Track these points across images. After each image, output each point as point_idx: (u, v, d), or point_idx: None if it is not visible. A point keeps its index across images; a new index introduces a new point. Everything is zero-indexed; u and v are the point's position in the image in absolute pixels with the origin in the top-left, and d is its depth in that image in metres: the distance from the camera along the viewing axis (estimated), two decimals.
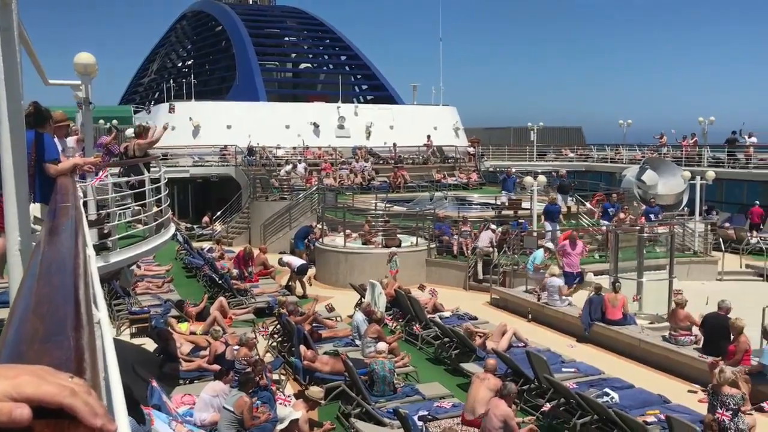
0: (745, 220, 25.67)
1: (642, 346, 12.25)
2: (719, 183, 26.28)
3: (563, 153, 39.41)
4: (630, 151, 35.02)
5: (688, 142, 31.43)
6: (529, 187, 20.16)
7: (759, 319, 10.75)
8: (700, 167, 27.06)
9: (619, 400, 9.22)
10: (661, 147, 32.81)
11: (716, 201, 27.90)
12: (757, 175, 27.03)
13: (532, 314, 15.15)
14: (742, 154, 28.37)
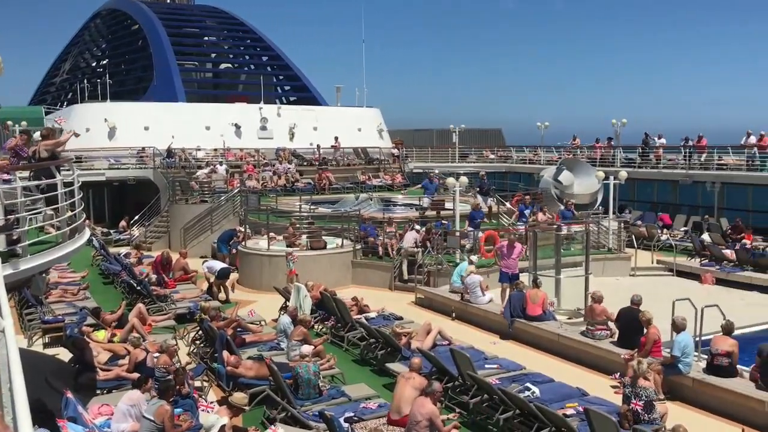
0: (656, 218, 26.91)
1: (561, 341, 12.63)
2: (631, 182, 27.43)
3: (484, 154, 40.25)
4: (547, 152, 36.12)
5: (602, 144, 32.66)
6: (451, 188, 20.47)
7: (670, 312, 11.25)
8: (613, 167, 28.16)
9: (540, 394, 9.47)
10: (576, 148, 33.98)
11: (629, 200, 29.16)
12: (667, 175, 28.39)
13: (456, 312, 15.38)
14: (653, 154, 29.72)
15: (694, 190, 27.69)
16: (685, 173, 27.45)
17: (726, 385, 9.82)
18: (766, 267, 18.30)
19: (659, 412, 8.63)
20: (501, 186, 29.49)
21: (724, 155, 27.26)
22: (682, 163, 28.16)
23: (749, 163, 26.02)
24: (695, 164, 27.64)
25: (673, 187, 28.66)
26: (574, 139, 34.99)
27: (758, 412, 9.28)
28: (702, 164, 27.47)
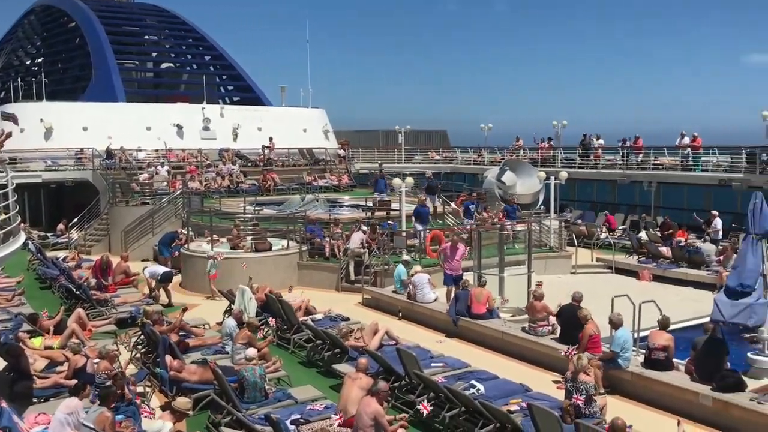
0: (595, 217, 27.63)
1: (505, 338, 12.85)
2: (572, 182, 28.07)
3: (430, 155, 40.60)
4: (491, 153, 36.66)
5: (543, 145, 33.34)
6: (397, 188, 20.59)
7: (609, 308, 11.57)
8: (554, 168, 28.77)
9: (485, 391, 9.61)
10: (519, 149, 34.60)
11: (569, 199, 29.85)
12: (605, 175, 29.17)
13: (403, 312, 15.47)
14: (592, 155, 30.49)
15: (631, 189, 28.53)
16: (623, 173, 28.25)
17: (663, 379, 10.16)
18: (700, 263, 18.99)
19: (599, 405, 8.87)
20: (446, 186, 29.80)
21: (659, 156, 28.16)
22: (620, 163, 28.97)
23: (683, 163, 26.94)
24: (632, 165, 28.47)
25: (612, 186, 29.47)
26: (517, 140, 35.63)
27: (693, 403, 9.63)
28: (639, 165, 28.32)
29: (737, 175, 24.19)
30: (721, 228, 21.33)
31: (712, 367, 9.80)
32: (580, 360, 9.12)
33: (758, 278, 10.90)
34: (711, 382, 9.64)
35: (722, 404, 9.32)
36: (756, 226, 11.08)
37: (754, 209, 11.14)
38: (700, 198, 25.87)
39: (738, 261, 11.65)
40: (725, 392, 9.41)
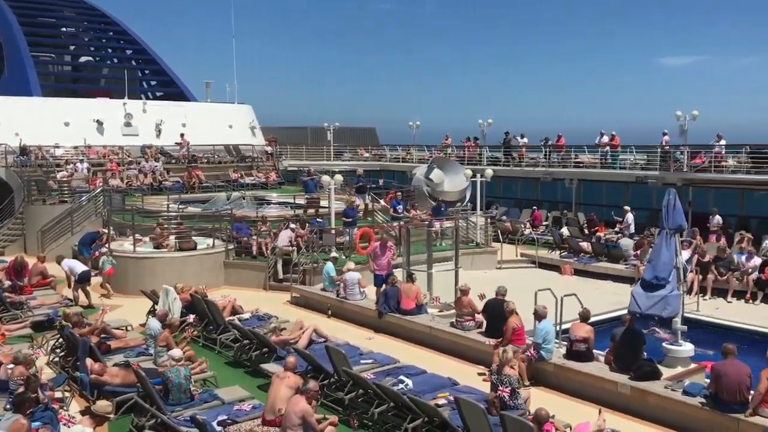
0: (519, 214, 28.31)
1: (433, 333, 13.01)
2: (497, 180, 28.67)
3: (359, 153, 40.60)
4: (419, 151, 36.96)
5: (470, 143, 33.85)
6: (326, 185, 20.51)
7: (533, 301, 11.88)
8: (480, 166, 29.28)
9: (413, 386, 9.69)
10: (446, 147, 35.03)
11: (495, 197, 30.44)
12: (529, 173, 29.88)
13: (332, 310, 15.44)
14: (516, 153, 31.18)
15: (554, 186, 29.35)
16: (545, 171, 29.02)
17: (584, 369, 10.51)
18: (618, 258, 19.73)
19: (524, 397, 9.11)
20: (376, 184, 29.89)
21: (580, 154, 29.05)
22: (543, 161, 29.74)
23: (603, 161, 27.89)
24: (555, 163, 29.28)
25: (535, 184, 30.24)
26: (446, 138, 36.05)
27: (612, 392, 9.99)
28: (561, 163, 29.15)
29: (653, 172, 25.21)
30: (633, 223, 22.24)
31: (630, 357, 10.20)
32: (505, 353, 9.33)
33: (672, 271, 11.38)
34: (629, 371, 10.03)
35: (639, 392, 9.71)
36: (669, 221, 11.56)
37: (668, 205, 11.62)
38: (619, 195, 26.84)
39: (653, 255, 12.13)
40: (642, 381, 9.82)
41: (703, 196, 24.38)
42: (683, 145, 24.86)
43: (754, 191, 23.53)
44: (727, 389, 8.70)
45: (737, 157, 23.42)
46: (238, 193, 27.22)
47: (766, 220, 23.26)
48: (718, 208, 22.84)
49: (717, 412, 8.79)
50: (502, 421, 7.75)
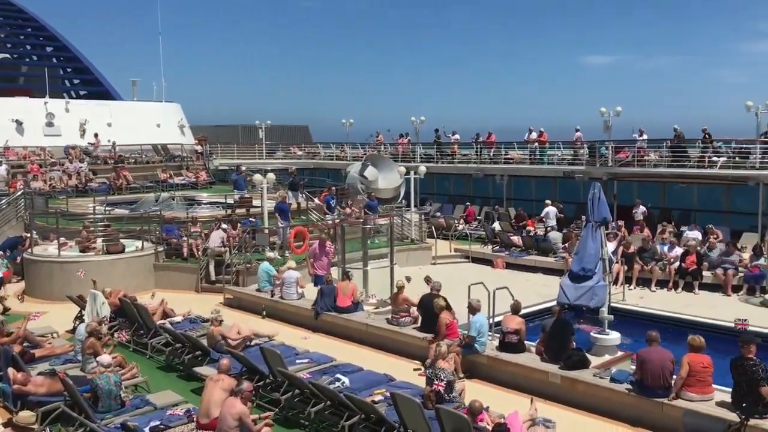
0: (453, 209, 28.67)
1: (369, 330, 13.04)
2: (430, 177, 28.94)
3: (292, 151, 40.30)
4: (353, 148, 36.97)
5: (403, 141, 34.08)
6: (258, 184, 20.27)
7: (467, 295, 12.07)
8: (414, 163, 29.51)
9: (350, 384, 9.70)
10: (380, 145, 35.16)
11: (428, 193, 30.75)
12: (461, 169, 30.31)
13: (267, 310, 15.27)
14: (449, 150, 31.57)
15: (485, 182, 29.85)
16: (477, 167, 29.48)
17: (516, 360, 10.74)
18: (548, 251, 20.23)
19: (459, 390, 9.24)
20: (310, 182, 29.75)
21: (510, 150, 29.64)
22: (474, 158, 30.21)
23: (531, 157, 28.55)
24: (486, 159, 29.79)
25: (467, 180, 30.69)
26: (378, 135, 36.19)
27: (544, 382, 10.25)
28: (491, 159, 29.67)
29: (579, 167, 25.96)
30: (554, 216, 22.88)
31: (560, 347, 10.48)
32: (439, 347, 9.44)
33: (598, 262, 11.74)
34: (559, 361, 10.31)
35: (569, 381, 9.99)
36: (595, 214, 11.92)
37: (593, 198, 11.97)
38: (547, 189, 27.52)
39: (579, 247, 12.48)
40: (572, 370, 10.10)
41: (628, 189, 25.26)
42: (608, 140, 25.68)
43: (674, 184, 24.54)
44: (652, 375, 9.05)
45: (659, 152, 24.37)
46: (167, 193, 26.59)
47: (686, 211, 24.28)
48: (642, 200, 23.74)
49: (642, 397, 9.13)
50: (437, 415, 7.85)
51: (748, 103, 22.56)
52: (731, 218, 22.51)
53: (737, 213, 22.83)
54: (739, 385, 8.42)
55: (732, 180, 22.28)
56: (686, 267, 17.07)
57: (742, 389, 8.37)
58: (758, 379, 8.19)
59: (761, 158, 21.53)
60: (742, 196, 22.59)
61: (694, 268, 16.96)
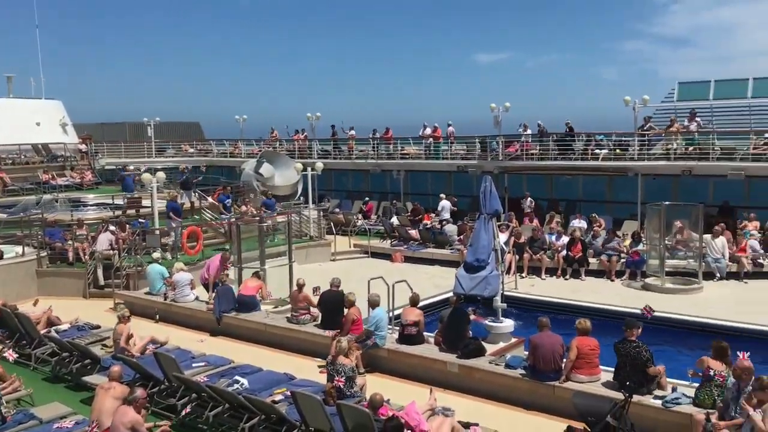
0: (351, 205, 28.74)
1: (268, 330, 12.86)
2: (328, 173, 28.90)
3: (183, 149, 39.10)
4: (248, 145, 36.31)
5: (299, 137, 33.81)
6: (148, 184, 19.53)
7: (366, 290, 12.14)
8: (311, 159, 29.34)
9: (249, 385, 9.52)
10: (276, 141, 34.72)
11: (327, 189, 30.69)
12: (359, 165, 30.40)
13: (160, 314, 14.74)
14: (346, 146, 31.61)
15: (383, 177, 30.11)
16: (374, 163, 29.69)
17: (415, 352, 10.91)
18: (444, 243, 20.67)
19: (360, 385, 9.28)
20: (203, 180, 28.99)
21: (406, 146, 30.03)
22: (371, 153, 30.39)
23: (427, 152, 29.04)
24: (383, 154, 30.04)
25: (365, 175, 30.86)
26: (272, 131, 35.72)
27: (442, 371, 10.46)
28: (389, 154, 29.95)
29: (472, 162, 26.64)
30: (448, 209, 23.46)
31: (457, 336, 10.74)
32: (340, 343, 9.44)
33: (491, 253, 12.10)
34: (457, 350, 10.56)
35: (467, 369, 10.25)
36: (487, 206, 12.27)
37: (485, 192, 12.32)
38: (443, 183, 28.09)
39: (473, 239, 12.82)
40: (469, 358, 10.37)
41: (518, 181, 26.19)
42: (498, 135, 26.48)
43: (561, 176, 25.69)
44: (543, 359, 9.43)
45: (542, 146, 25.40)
46: (49, 195, 25.15)
47: (572, 202, 25.49)
48: (531, 192, 24.71)
49: (535, 381, 9.50)
50: (338, 410, 7.84)
51: (626, 99, 23.80)
52: (613, 207, 23.81)
53: (619, 202, 24.18)
54: (623, 365, 8.93)
55: (613, 171, 23.54)
56: (573, 255, 17.91)
57: (626, 369, 8.88)
58: (644, 360, 8.72)
59: (639, 150, 22.87)
60: (622, 186, 23.94)
61: (580, 255, 17.83)
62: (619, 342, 9.05)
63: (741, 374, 7.65)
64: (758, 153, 20.90)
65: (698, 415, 7.86)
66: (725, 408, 7.75)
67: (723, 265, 17.16)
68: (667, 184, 22.95)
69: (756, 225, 19.41)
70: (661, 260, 16.64)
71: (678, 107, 25.39)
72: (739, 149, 21.66)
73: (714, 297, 15.74)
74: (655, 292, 16.17)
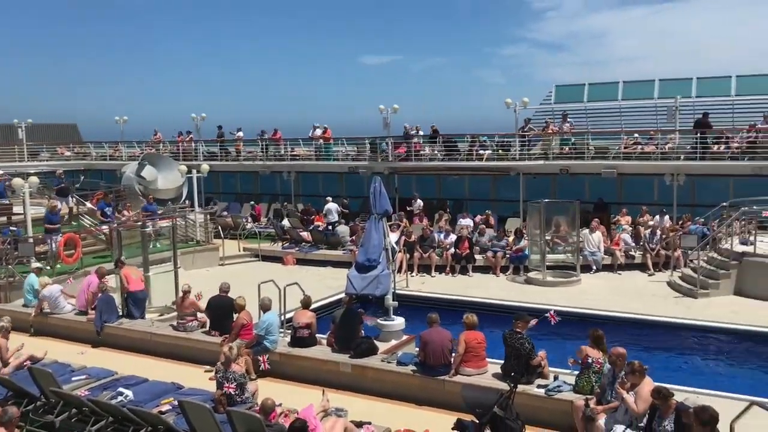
0: (240, 208, 28.20)
1: (153, 339, 12.39)
2: (215, 175, 28.23)
3: (59, 152, 36.96)
4: (129, 147, 34.83)
5: (182, 138, 32.77)
6: (19, 189, 18.32)
7: (256, 295, 11.94)
8: (196, 161, 28.52)
9: (134, 397, 9.13)
10: (159, 143, 33.51)
11: (214, 192, 29.95)
12: (247, 166, 29.85)
13: (35, 327, 13.85)
14: (233, 148, 30.96)
15: (273, 179, 29.73)
16: (263, 164, 29.25)
17: (307, 354, 10.85)
18: (336, 244, 20.70)
19: (251, 390, 9.11)
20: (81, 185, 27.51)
21: (296, 147, 29.78)
22: (260, 155, 29.93)
23: (317, 153, 28.93)
24: (272, 156, 29.66)
25: (255, 177, 30.36)
26: (155, 133, 34.44)
27: (336, 372, 10.46)
28: (278, 156, 29.60)
29: (363, 162, 26.81)
30: (335, 210, 23.57)
31: (349, 336, 10.77)
32: (231, 349, 9.23)
33: (382, 252, 12.21)
34: (349, 350, 10.58)
35: (360, 369, 10.30)
36: (377, 206, 12.36)
37: (374, 192, 12.41)
38: (335, 184, 28.12)
39: (364, 239, 12.89)
40: (361, 357, 10.43)
41: (408, 182, 26.62)
42: (387, 136, 26.79)
43: (448, 176, 26.36)
44: (433, 355, 9.63)
45: (433, 147, 25.98)
46: None
47: (459, 201, 26.20)
48: (420, 192, 25.20)
49: (426, 376, 9.68)
50: (229, 418, 7.67)
51: (507, 101, 24.73)
52: (498, 206, 24.68)
53: (503, 201, 25.11)
54: (509, 356, 9.28)
55: (497, 171, 24.41)
56: (461, 252, 18.42)
57: (512, 360, 9.24)
58: (527, 352, 9.11)
59: (520, 151, 23.83)
60: (506, 185, 24.87)
61: (467, 253, 18.36)
62: (507, 332, 9.41)
63: (616, 360, 8.13)
64: (628, 152, 22.31)
65: (578, 401, 8.28)
66: (602, 393, 8.21)
67: (599, 258, 18.21)
68: (546, 183, 24.07)
69: (628, 220, 20.71)
70: (542, 255, 17.42)
71: (555, 109, 26.64)
72: (612, 149, 23.04)
73: (591, 288, 16.66)
74: (538, 285, 16.93)
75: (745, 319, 13.56)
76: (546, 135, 24.03)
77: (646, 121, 25.53)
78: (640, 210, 21.00)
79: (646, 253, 18.21)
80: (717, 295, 15.34)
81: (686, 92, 24.39)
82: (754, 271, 15.41)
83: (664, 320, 13.83)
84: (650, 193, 22.89)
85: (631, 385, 7.68)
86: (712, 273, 15.84)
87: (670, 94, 23.68)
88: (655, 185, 22.52)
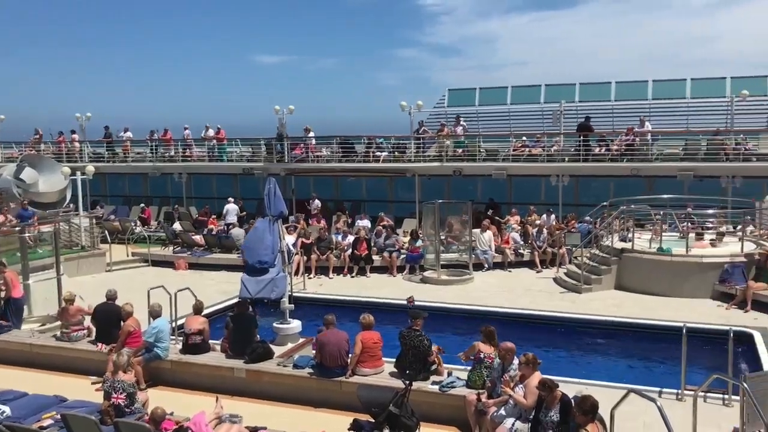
0: (129, 211, 27.08)
1: (34, 350, 11.72)
2: (102, 177, 27.04)
3: None
4: (6, 148, 32.68)
5: (65, 138, 31.11)
6: None
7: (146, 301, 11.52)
8: (81, 162, 27.17)
9: (12, 412, 8.58)
10: (39, 143, 31.65)
11: (101, 195, 28.63)
12: (136, 168, 28.66)
13: None
14: (121, 148, 29.65)
15: (163, 181, 28.73)
16: (153, 166, 28.21)
17: (200, 361, 10.59)
18: (230, 248, 20.28)
19: (141, 400, 8.78)
20: None
21: (187, 148, 28.90)
22: (150, 156, 28.85)
23: (210, 154, 28.20)
24: (163, 156, 28.66)
25: (144, 179, 29.26)
26: (37, 133, 32.49)
27: (230, 378, 10.28)
28: (169, 157, 28.63)
29: (258, 164, 26.39)
30: (234, 212, 23.27)
31: (244, 341, 10.58)
32: (120, 357, 8.86)
33: (276, 255, 12.09)
34: (245, 355, 10.40)
35: (255, 374, 10.16)
36: (272, 208, 12.24)
37: (269, 193, 12.28)
38: (229, 186, 27.54)
39: (251, 240, 12.69)
40: (256, 362, 10.28)
41: (305, 183, 26.46)
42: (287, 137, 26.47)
43: (346, 177, 26.43)
44: (330, 356, 9.64)
45: (330, 148, 25.94)
46: None
47: (357, 202, 26.31)
48: (318, 193, 25.10)
49: (323, 378, 9.68)
50: (116, 429, 7.36)
51: (402, 104, 25.03)
52: (395, 206, 24.99)
53: (400, 201, 25.46)
54: (406, 353, 9.44)
55: (393, 172, 24.70)
56: (359, 253, 18.52)
57: (408, 357, 9.40)
58: (425, 348, 9.31)
59: (415, 153, 24.23)
60: (402, 186, 25.23)
61: (365, 253, 18.49)
62: (404, 330, 9.55)
63: (505, 355, 8.43)
64: (517, 154, 23.17)
65: (470, 396, 8.53)
66: (493, 387, 8.49)
67: (490, 257, 18.81)
68: (441, 184, 24.63)
69: (517, 219, 21.50)
70: (437, 254, 17.81)
71: (448, 112, 27.27)
72: (501, 151, 23.85)
73: (483, 285, 17.18)
74: (433, 284, 17.29)
75: (626, 312, 14.41)
76: (440, 137, 24.55)
77: (533, 124, 26.57)
78: (528, 210, 21.86)
79: (534, 251, 18.98)
80: (599, 290, 16.21)
81: (570, 97, 25.66)
82: (633, 266, 16.40)
83: (550, 315, 14.46)
84: (537, 193, 23.88)
85: (521, 377, 7.97)
86: (595, 269, 16.71)
87: (555, 99, 24.82)
88: (542, 186, 23.51)
